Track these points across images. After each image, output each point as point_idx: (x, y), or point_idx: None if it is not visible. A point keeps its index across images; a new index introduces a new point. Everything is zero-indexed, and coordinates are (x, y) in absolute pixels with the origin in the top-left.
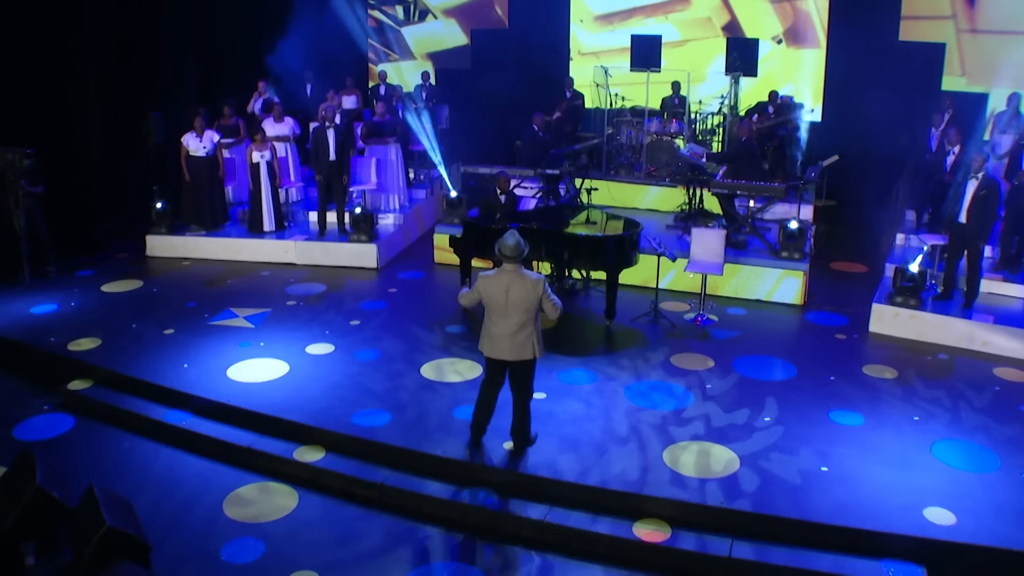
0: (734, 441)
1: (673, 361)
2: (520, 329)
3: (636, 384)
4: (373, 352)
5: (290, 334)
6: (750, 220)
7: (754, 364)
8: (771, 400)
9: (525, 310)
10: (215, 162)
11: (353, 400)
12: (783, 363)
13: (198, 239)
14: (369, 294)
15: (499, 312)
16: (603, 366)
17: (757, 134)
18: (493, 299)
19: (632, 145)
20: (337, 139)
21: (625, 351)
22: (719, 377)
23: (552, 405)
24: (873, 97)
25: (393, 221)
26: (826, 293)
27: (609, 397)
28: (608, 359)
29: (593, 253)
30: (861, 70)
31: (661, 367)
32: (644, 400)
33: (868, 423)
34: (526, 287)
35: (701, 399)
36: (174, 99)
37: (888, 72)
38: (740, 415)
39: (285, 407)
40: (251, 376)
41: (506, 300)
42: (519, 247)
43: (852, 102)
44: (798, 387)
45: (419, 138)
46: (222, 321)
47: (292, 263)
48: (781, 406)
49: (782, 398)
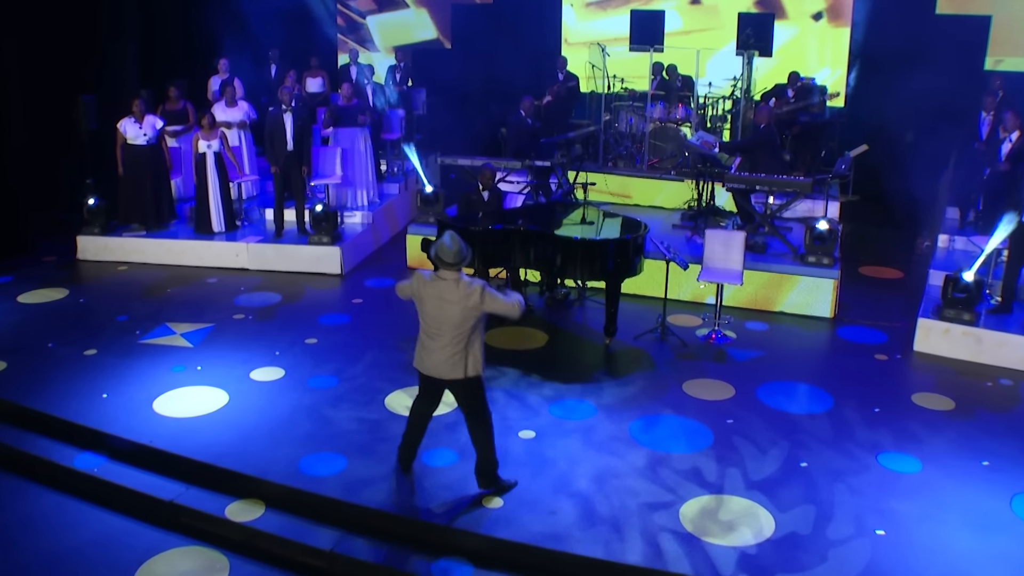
0: (765, 493)
1: (686, 389)
2: (453, 344)
3: (643, 419)
4: (330, 378)
5: (234, 355)
6: (770, 219)
7: (781, 392)
8: (806, 439)
9: (458, 324)
10: (157, 152)
11: (302, 440)
12: (816, 391)
13: (137, 240)
14: (330, 305)
15: (432, 323)
16: (603, 396)
17: (775, 120)
18: (426, 307)
19: (633, 133)
20: (295, 125)
21: (629, 376)
22: (741, 409)
23: (543, 446)
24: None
25: (361, 220)
26: (859, 304)
27: (611, 436)
28: (609, 387)
29: (590, 259)
30: (891, 48)
31: (672, 397)
32: (654, 440)
33: (927, 469)
34: (462, 300)
35: (722, 438)
36: (112, 79)
37: (923, 50)
38: (770, 459)
39: (219, 449)
40: (181, 409)
41: (437, 313)
42: (461, 253)
43: (880, 85)
44: (837, 422)
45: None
46: (155, 339)
47: (244, 268)
48: (818, 447)
49: (819, 436)
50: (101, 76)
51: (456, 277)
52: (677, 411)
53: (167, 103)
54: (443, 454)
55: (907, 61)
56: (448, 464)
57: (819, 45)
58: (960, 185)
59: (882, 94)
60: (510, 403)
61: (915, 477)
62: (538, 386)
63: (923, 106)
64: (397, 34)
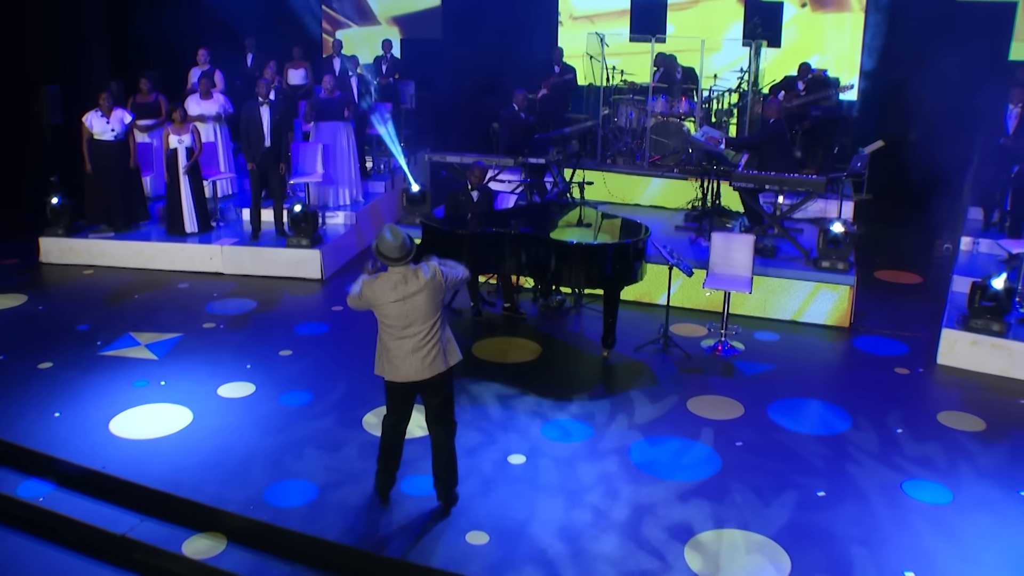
0: (780, 527)
1: (691, 407)
2: (430, 337)
3: (644, 442)
4: (304, 395)
5: (201, 369)
6: (779, 221)
7: (794, 411)
8: (822, 464)
9: (430, 312)
10: (126, 148)
11: (270, 465)
12: (832, 408)
13: (104, 242)
14: (308, 313)
15: (399, 324)
16: (600, 415)
17: (785, 115)
18: (387, 310)
19: (633, 129)
20: (273, 119)
21: (628, 393)
22: (751, 430)
23: (535, 473)
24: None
25: (343, 220)
26: (876, 311)
27: (608, 461)
28: (606, 405)
29: (587, 265)
30: (908, 37)
31: (676, 416)
32: (655, 465)
33: (958, 500)
34: (424, 287)
35: (730, 463)
36: (78, 69)
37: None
38: (785, 488)
39: (179, 476)
40: (140, 430)
41: (404, 309)
42: (404, 247)
43: (897, 76)
44: (855, 445)
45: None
46: (117, 351)
47: (218, 273)
48: (836, 473)
49: (836, 461)
50: (66, 65)
51: (406, 268)
52: (681, 432)
53: (138, 95)
54: (422, 482)
55: (925, 51)
56: (429, 492)
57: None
58: (984, 183)
59: (899, 86)
60: (498, 423)
61: (945, 509)
62: (529, 404)
63: (944, 98)
64: (396, 3)
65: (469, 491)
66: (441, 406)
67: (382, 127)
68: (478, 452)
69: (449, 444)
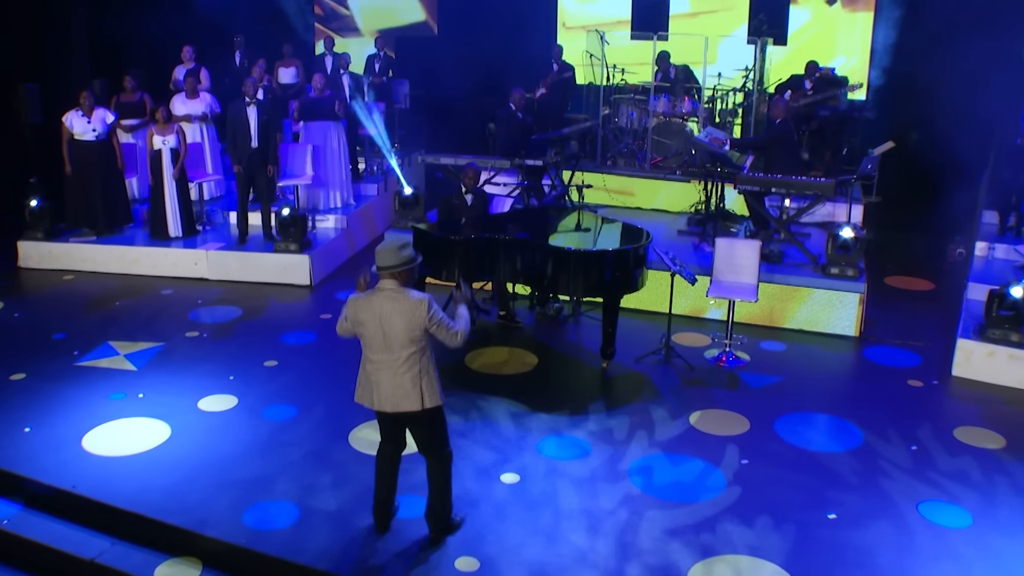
0: (788, 552)
1: (694, 423)
2: (401, 369)
3: (645, 460)
4: (288, 408)
5: (182, 380)
6: (786, 225)
7: (803, 425)
8: (832, 483)
9: (405, 344)
10: (108, 148)
11: (250, 485)
12: (842, 423)
13: (85, 246)
14: (295, 321)
15: (374, 347)
16: (599, 430)
17: (792, 115)
18: (365, 329)
19: (634, 129)
20: (260, 119)
21: (629, 407)
22: (757, 446)
23: (530, 493)
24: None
25: (334, 224)
26: (887, 320)
27: (607, 481)
28: (606, 420)
29: (585, 272)
30: (920, 33)
31: (678, 432)
32: (656, 485)
33: (980, 524)
34: (404, 312)
35: (736, 483)
36: (59, 66)
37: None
38: (793, 509)
39: (153, 496)
40: (115, 446)
41: (381, 330)
42: (396, 257)
43: (908, 74)
44: (868, 462)
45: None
46: (94, 361)
47: (203, 278)
48: (848, 494)
49: (848, 481)
50: (47, 62)
51: (396, 286)
52: (684, 450)
53: (122, 94)
54: (410, 503)
55: (938, 48)
56: (418, 516)
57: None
58: (1000, 186)
59: (910, 85)
60: (492, 439)
61: (965, 534)
62: (525, 418)
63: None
64: (382, 17)
65: (458, 513)
66: (426, 441)
67: (373, 128)
68: (470, 470)
69: (440, 474)
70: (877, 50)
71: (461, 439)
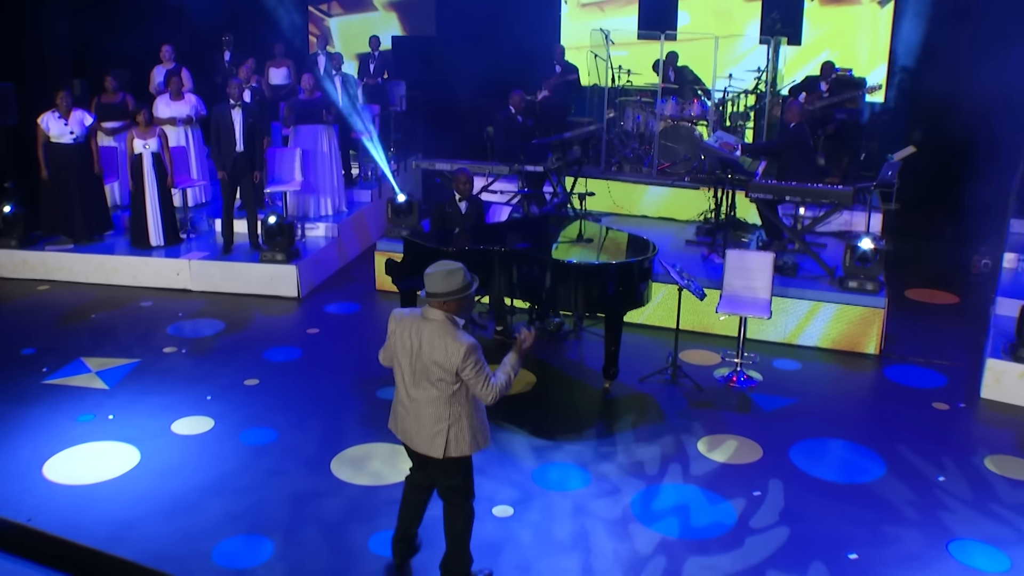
0: None
1: (702, 449)
2: (428, 411)
3: (648, 490)
4: (267, 432)
5: (156, 400)
6: (801, 235)
7: (819, 453)
8: (853, 518)
9: (436, 382)
10: (86, 152)
11: (221, 517)
12: (863, 451)
13: (62, 255)
14: (280, 336)
15: (404, 377)
16: (599, 458)
17: (807, 118)
18: (399, 351)
19: (641, 133)
20: (245, 122)
21: (632, 431)
22: (771, 476)
23: (523, 525)
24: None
25: (325, 233)
26: (908, 336)
27: (608, 513)
28: (606, 446)
29: (586, 286)
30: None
31: (685, 459)
32: (661, 518)
33: (1018, 568)
34: (442, 349)
35: (748, 518)
36: (37, 65)
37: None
38: (810, 548)
39: (115, 529)
40: (78, 474)
41: (412, 360)
42: (450, 285)
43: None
44: (891, 495)
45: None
46: (64, 379)
47: (185, 289)
48: (870, 531)
49: (869, 516)
50: (23, 61)
51: (443, 317)
52: (691, 480)
53: (103, 95)
54: None
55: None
56: None
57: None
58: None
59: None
60: (483, 467)
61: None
62: (520, 443)
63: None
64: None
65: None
66: (445, 489)
67: (364, 131)
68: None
69: (453, 527)
70: (897, 49)
71: None
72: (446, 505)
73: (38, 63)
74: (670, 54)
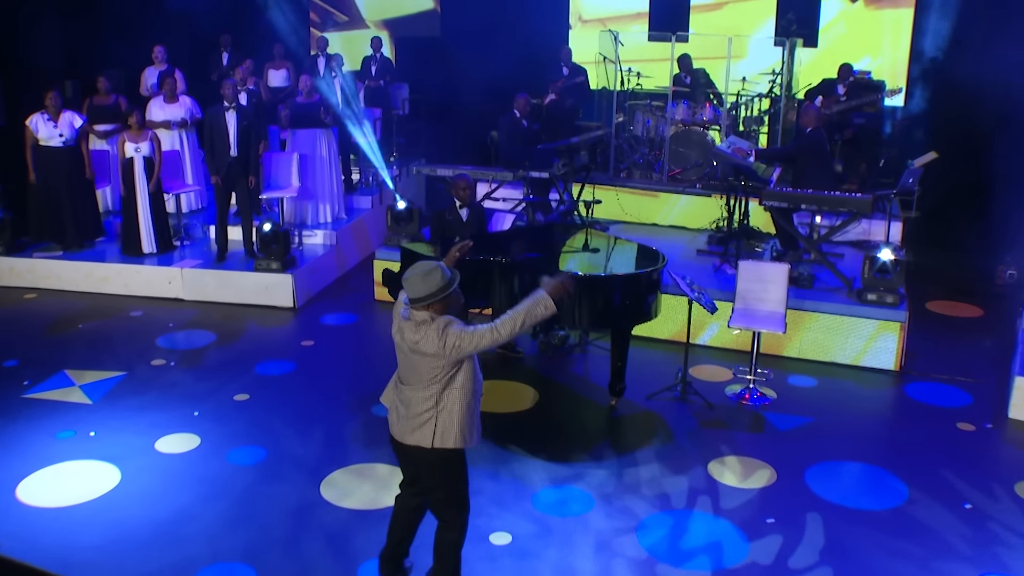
0: None
1: (712, 472)
2: (422, 396)
3: (655, 516)
4: (256, 450)
5: (141, 416)
6: (817, 245)
7: (837, 477)
8: (874, 549)
9: (428, 380)
10: (77, 155)
11: (204, 541)
12: (883, 475)
13: (51, 262)
14: (274, 349)
15: (402, 374)
16: (604, 481)
17: (824, 123)
18: (398, 351)
19: (650, 138)
20: (239, 125)
21: (639, 452)
22: (785, 502)
23: (522, 555)
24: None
25: (323, 240)
26: (930, 352)
27: (612, 542)
28: (612, 468)
29: (591, 299)
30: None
31: (695, 483)
32: (668, 547)
33: None
34: (427, 340)
35: (760, 549)
36: (27, 65)
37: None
38: None
39: (90, 555)
40: (54, 495)
41: (405, 357)
42: (430, 287)
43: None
44: (915, 523)
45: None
46: (46, 392)
47: (177, 298)
48: (893, 563)
49: (892, 546)
50: (12, 60)
51: (427, 316)
52: (700, 505)
53: (95, 97)
54: None
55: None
56: None
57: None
58: None
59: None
60: (481, 490)
61: None
62: (520, 465)
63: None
64: (386, 5)
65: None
66: (434, 491)
67: (362, 137)
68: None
69: (442, 540)
70: (917, 51)
71: None
72: (439, 522)
73: (28, 62)
74: (683, 56)
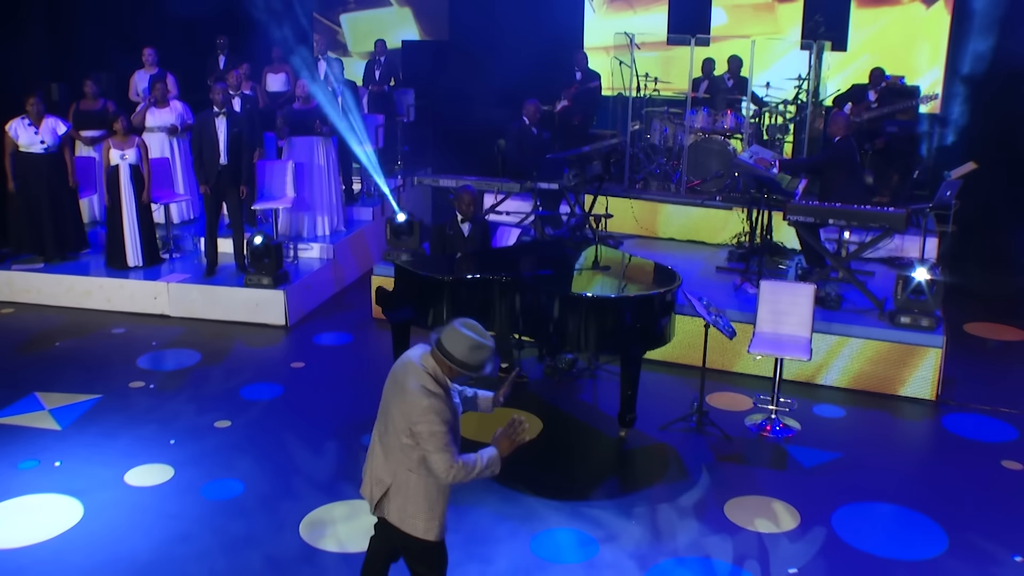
0: None
1: (729, 514)
2: (387, 460)
3: (666, 564)
4: (233, 484)
5: (113, 444)
6: (846, 263)
7: (868, 521)
8: None
9: (395, 432)
10: (59, 163)
11: None
12: (919, 519)
13: (30, 275)
14: (261, 371)
15: (379, 416)
16: (610, 521)
17: (854, 132)
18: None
19: (668, 147)
20: (230, 132)
21: (650, 490)
22: (809, 550)
23: None
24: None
25: (319, 254)
26: (970, 379)
27: None
28: (620, 508)
29: (600, 322)
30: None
31: (710, 527)
32: None
33: None
34: (403, 397)
35: None
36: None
37: None
38: None
39: None
40: (8, 534)
41: (386, 400)
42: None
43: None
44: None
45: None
46: (12, 417)
47: (163, 315)
48: None
49: None
50: None
51: (432, 368)
52: (715, 551)
53: (82, 101)
54: None
55: None
56: None
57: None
58: None
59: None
60: (473, 531)
61: None
62: (519, 503)
63: None
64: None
65: None
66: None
67: (358, 146)
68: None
69: None
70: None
71: None
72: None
73: (12, 64)
74: (733, 57)
